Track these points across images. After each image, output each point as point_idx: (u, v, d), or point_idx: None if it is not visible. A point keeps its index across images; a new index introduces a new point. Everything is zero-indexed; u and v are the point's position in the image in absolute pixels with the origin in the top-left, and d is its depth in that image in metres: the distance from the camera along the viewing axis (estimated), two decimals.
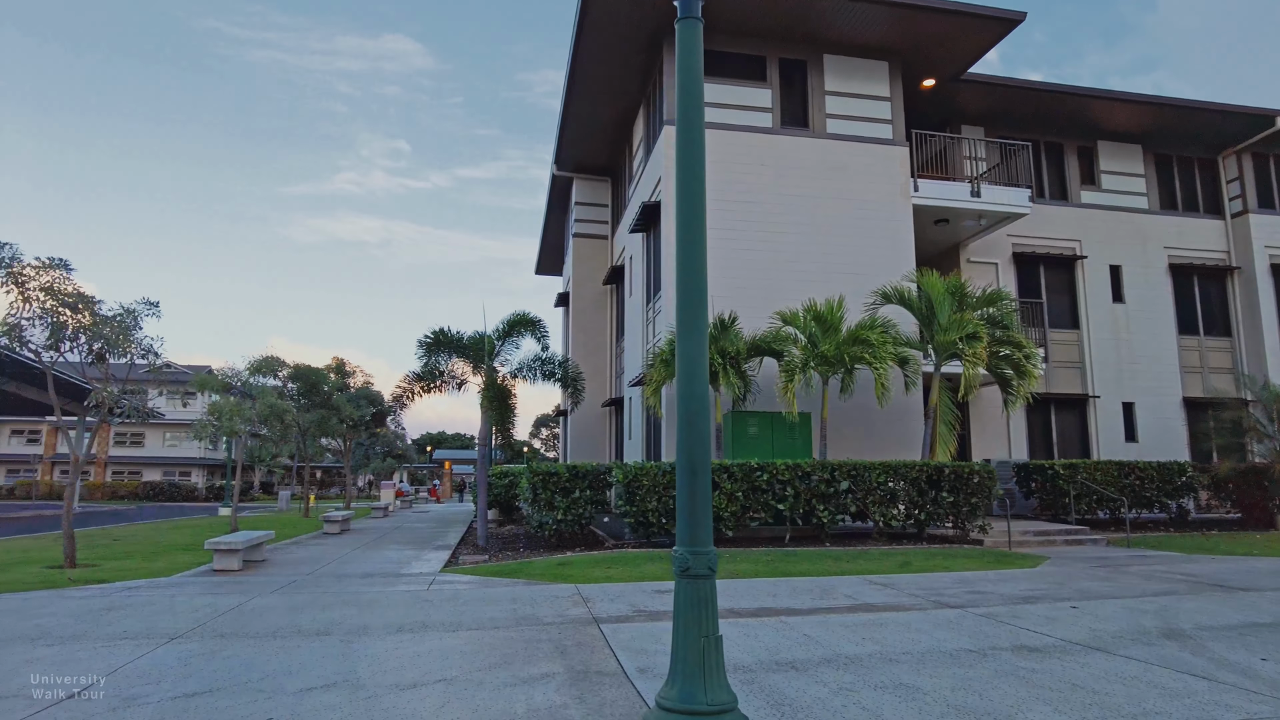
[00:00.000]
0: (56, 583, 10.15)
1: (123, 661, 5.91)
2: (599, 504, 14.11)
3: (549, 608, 8.22)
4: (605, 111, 20.92)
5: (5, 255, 11.06)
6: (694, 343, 4.05)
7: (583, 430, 23.55)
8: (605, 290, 24.16)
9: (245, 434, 18.45)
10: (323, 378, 24.68)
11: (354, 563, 12.72)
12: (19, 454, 58.05)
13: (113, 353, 11.55)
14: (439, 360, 15.40)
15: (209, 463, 57.75)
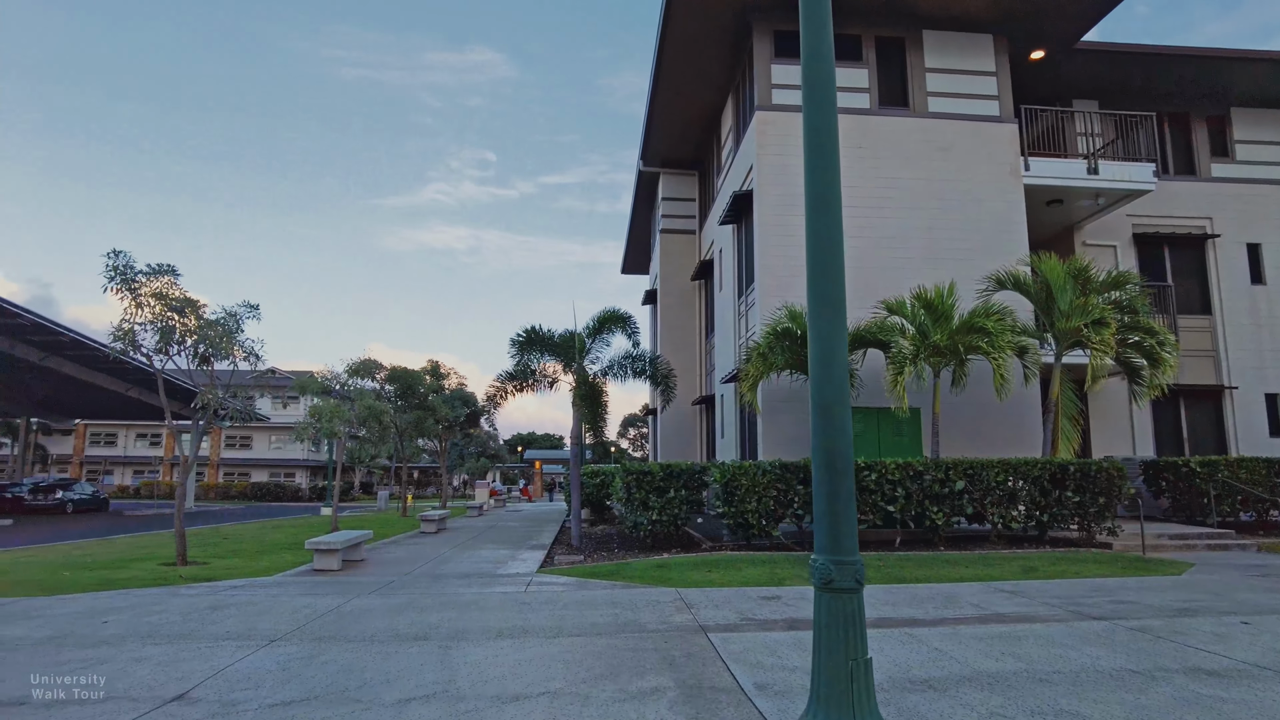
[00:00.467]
0: (169, 580, 10.37)
1: (224, 664, 5.79)
2: (694, 504, 13.64)
3: (651, 613, 7.80)
4: (692, 103, 20.43)
5: (120, 263, 11.41)
6: (829, 321, 3.53)
7: (673, 429, 23.12)
8: (693, 286, 23.67)
9: (345, 435, 18.80)
10: (418, 380, 25.05)
11: (451, 563, 12.64)
12: (143, 456, 61.81)
13: (216, 355, 11.78)
14: (531, 359, 15.24)
15: (312, 464, 60.10)
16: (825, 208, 3.64)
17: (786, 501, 12.37)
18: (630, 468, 13.51)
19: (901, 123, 16.61)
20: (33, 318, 25.49)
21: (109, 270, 11.30)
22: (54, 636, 6.76)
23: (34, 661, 5.90)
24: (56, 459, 60.08)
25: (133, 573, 11.04)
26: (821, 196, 3.64)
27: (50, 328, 26.42)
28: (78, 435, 61.54)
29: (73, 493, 35.68)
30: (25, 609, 8.17)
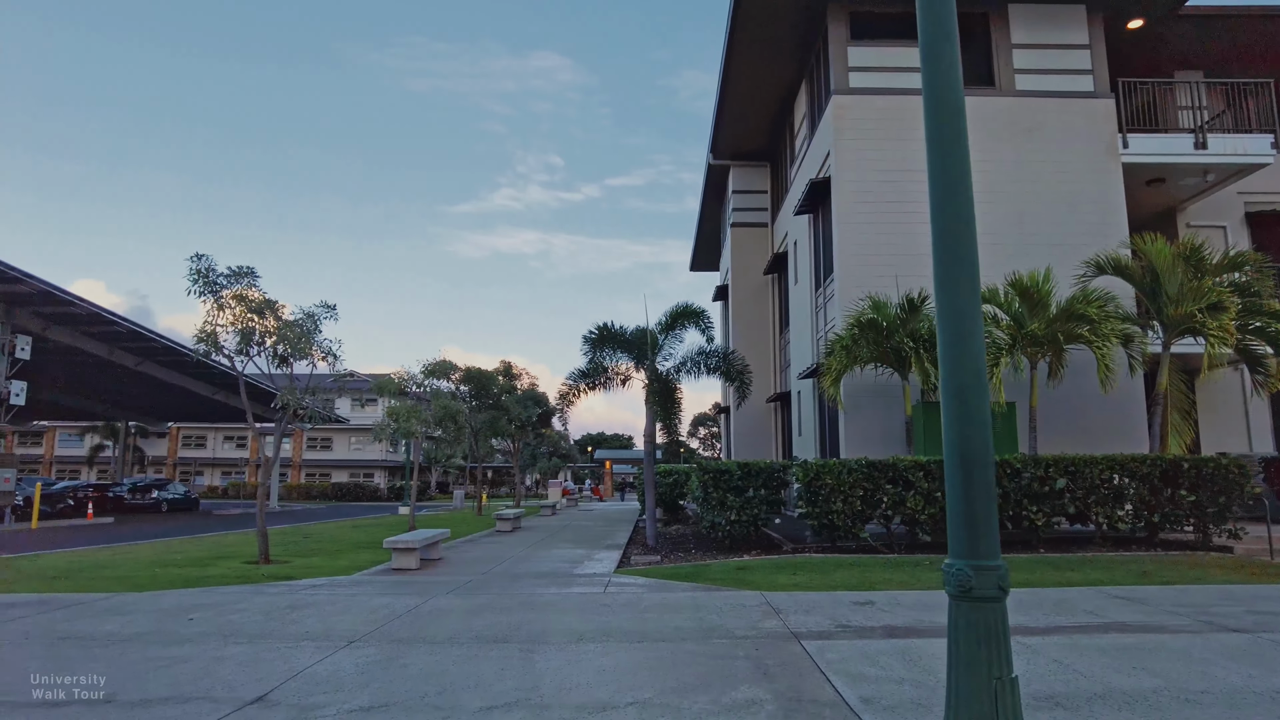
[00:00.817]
0: (251, 578, 10.47)
1: (303, 666, 5.66)
2: (774, 504, 13.17)
3: (737, 618, 7.41)
4: (763, 92, 19.91)
5: (202, 266, 11.63)
6: (963, 294, 3.09)
7: (746, 428, 22.61)
8: (766, 280, 23.10)
9: (421, 436, 18.95)
10: (492, 380, 25.19)
11: (527, 562, 12.48)
12: (231, 458, 64.39)
13: (295, 356, 11.90)
14: (603, 357, 15.01)
15: (390, 464, 61.53)
16: (951, 152, 3.20)
17: (874, 501, 11.79)
18: (707, 466, 13.13)
19: (986, 103, 15.75)
20: (129, 325, 26.64)
21: (192, 274, 11.52)
22: (141, 634, 6.78)
23: (124, 657, 5.89)
24: (152, 460, 63.07)
25: (217, 571, 11.21)
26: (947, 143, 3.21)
27: (144, 334, 27.58)
28: (171, 438, 64.48)
29: (166, 493, 37.27)
30: (117, 605, 8.29)
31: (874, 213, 14.94)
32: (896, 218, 14.75)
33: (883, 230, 14.83)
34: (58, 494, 29.15)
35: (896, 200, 14.93)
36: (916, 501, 11.67)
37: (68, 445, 64.25)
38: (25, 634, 6.82)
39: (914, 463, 11.76)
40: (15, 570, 11.51)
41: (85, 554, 14.05)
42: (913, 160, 15.26)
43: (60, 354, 30.08)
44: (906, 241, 14.67)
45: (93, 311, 24.78)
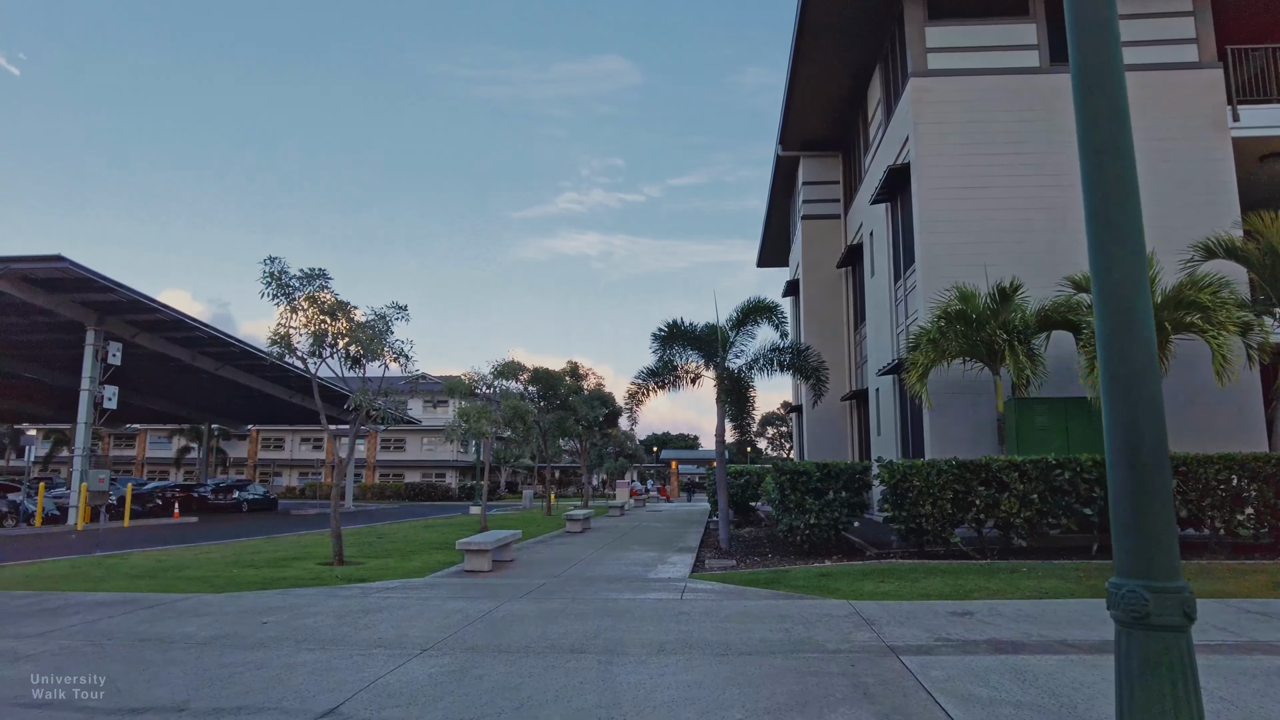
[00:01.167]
0: (325, 580, 10.45)
1: (376, 675, 5.44)
2: (856, 507, 12.59)
3: (827, 629, 6.94)
4: (834, 79, 19.25)
5: (275, 269, 11.70)
6: (1128, 268, 2.60)
7: (820, 427, 21.93)
8: (839, 274, 22.38)
9: (492, 436, 18.93)
10: (559, 380, 25.12)
11: (599, 565, 12.20)
12: (307, 459, 66.35)
13: (367, 356, 11.88)
14: (673, 354, 14.64)
15: (461, 464, 62.46)
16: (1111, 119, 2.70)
17: (965, 504, 11.12)
18: (784, 467, 12.64)
19: None
20: (209, 331, 27.52)
21: (265, 276, 11.60)
22: (217, 637, 6.71)
23: (200, 661, 5.79)
24: (234, 462, 65.47)
25: (293, 572, 11.25)
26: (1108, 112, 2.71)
27: (223, 339, 28.45)
28: (251, 440, 66.81)
29: (247, 493, 38.48)
30: (196, 606, 8.30)
31: (958, 198, 14.19)
32: (982, 203, 13.99)
33: (968, 216, 14.08)
34: (147, 494, 30.31)
35: (982, 185, 14.16)
36: (1011, 504, 10.95)
37: (157, 447, 67.21)
38: (109, 635, 6.83)
39: (1008, 463, 11.04)
40: (106, 569, 11.78)
41: (170, 553, 14.38)
42: (998, 142, 14.46)
43: (147, 360, 31.29)
44: (994, 227, 13.90)
45: (176, 318, 25.65)
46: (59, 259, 20.79)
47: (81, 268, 21.37)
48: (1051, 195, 14.21)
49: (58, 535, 20.39)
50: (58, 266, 21.06)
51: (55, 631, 6.99)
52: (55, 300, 23.26)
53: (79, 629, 7.11)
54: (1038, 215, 14.03)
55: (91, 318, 24.67)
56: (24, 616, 7.80)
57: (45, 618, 7.72)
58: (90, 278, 21.85)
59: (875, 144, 18.29)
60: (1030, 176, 14.17)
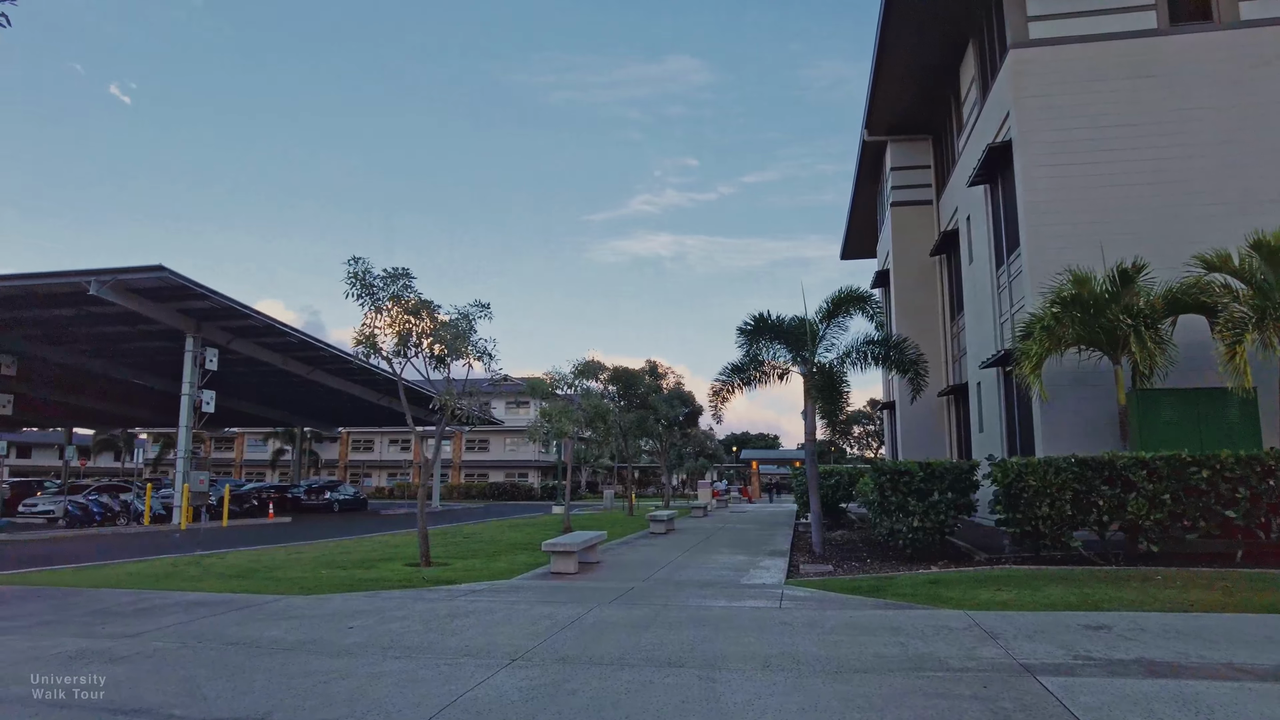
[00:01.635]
0: (412, 581, 10.30)
1: (464, 688, 5.11)
2: (962, 509, 11.77)
3: (947, 644, 6.29)
4: (923, 58, 18.28)
5: (359, 269, 11.67)
6: None
7: (915, 425, 20.91)
8: (932, 262, 21.29)
9: (573, 436, 18.73)
10: (639, 379, 24.78)
11: (688, 568, 11.73)
12: (396, 460, 68.13)
13: (452, 355, 11.73)
14: (759, 349, 14.03)
15: (542, 464, 63.02)
16: None
17: (1086, 505, 10.19)
18: (884, 466, 11.92)
19: (1201, 39, 13.54)
20: (299, 335, 28.30)
21: (349, 277, 11.57)
22: (303, 642, 6.54)
23: (285, 668, 5.60)
24: (325, 463, 67.73)
25: (380, 573, 11.18)
26: None
27: (312, 344, 29.23)
28: (342, 442, 69.00)
29: (338, 494, 39.56)
30: (284, 608, 8.22)
31: (1066, 175, 13.15)
32: (1095, 179, 12.93)
33: (1078, 194, 13.02)
34: (244, 495, 31.43)
35: (1093, 160, 13.09)
36: (1139, 505, 9.97)
37: (254, 450, 70.15)
38: (200, 637, 6.75)
39: (1135, 460, 10.06)
40: (204, 568, 11.99)
41: (264, 553, 14.62)
42: (1111, 112, 13.34)
43: (242, 365, 32.45)
44: (1108, 205, 12.82)
45: (267, 323, 26.43)
46: (159, 269, 21.62)
47: (179, 276, 22.17)
48: (1175, 167, 13.00)
49: (162, 534, 21.19)
50: (158, 276, 21.90)
51: (150, 632, 6.96)
52: (158, 309, 24.23)
53: (172, 630, 7.07)
54: (1159, 190, 12.86)
55: (190, 325, 25.63)
56: (122, 616, 7.85)
57: (141, 618, 7.74)
58: (187, 286, 22.65)
59: (970, 123, 17.24)
60: (1149, 148, 13.00)
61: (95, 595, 9.20)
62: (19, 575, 11.32)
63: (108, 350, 31.07)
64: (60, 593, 9.42)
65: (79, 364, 31.56)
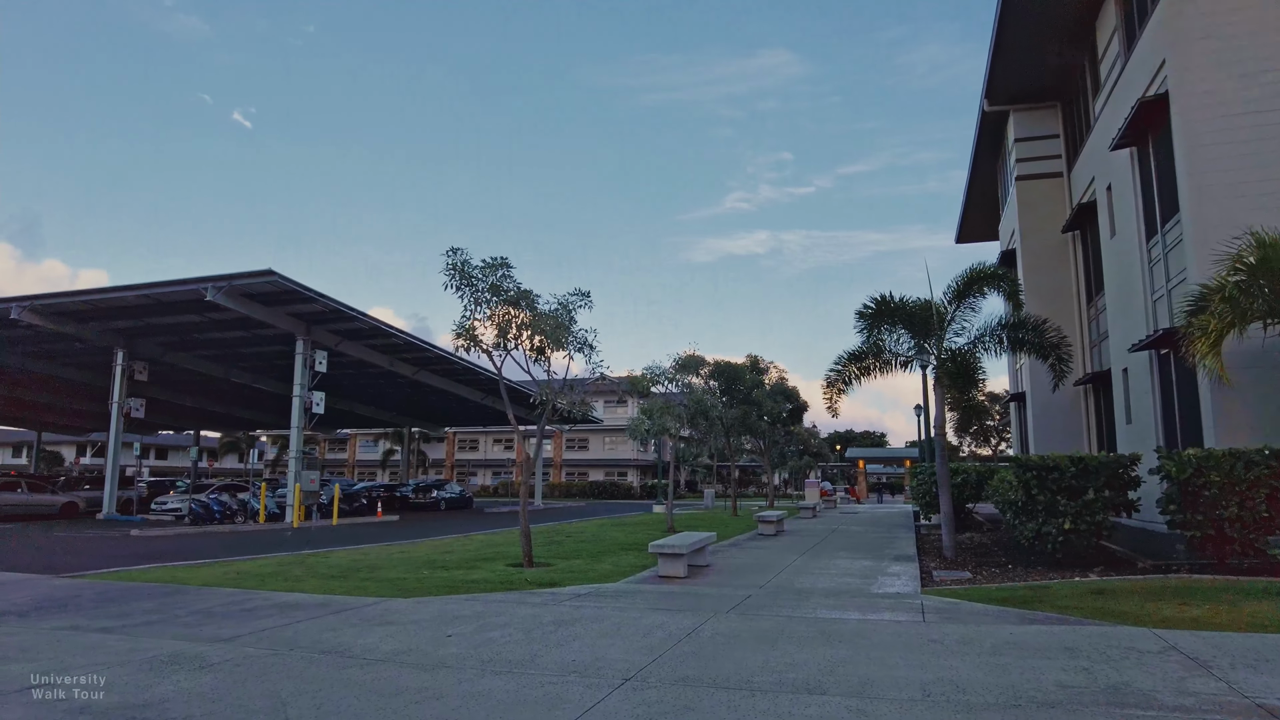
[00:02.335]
0: (514, 583, 9.78)
1: (571, 716, 4.41)
2: (1120, 508, 10.37)
3: (1144, 672, 5.19)
4: (1052, 13, 16.57)
5: (457, 260, 11.27)
6: None
7: (1048, 417, 19.12)
8: (1064, 240, 19.39)
9: (676, 433, 18.02)
10: (741, 374, 23.78)
11: (807, 574, 10.78)
12: (500, 458, 69.25)
13: (552, 345, 11.19)
14: (880, 335, 12.90)
15: (641, 463, 62.68)
16: None
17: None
18: (1028, 462, 10.65)
19: None
20: (404, 337, 28.70)
21: (448, 268, 11.19)
22: (398, 652, 6.02)
23: (375, 684, 5.07)
24: (432, 463, 69.48)
25: (482, 574, 10.72)
26: None
27: (418, 345, 29.61)
28: (448, 442, 70.65)
29: (444, 492, 40.15)
30: (382, 613, 7.80)
31: (1234, 126, 11.46)
32: (1272, 128, 11.22)
33: (1251, 146, 11.31)
34: (354, 494, 32.15)
35: (1269, 107, 11.35)
36: None
37: (366, 450, 72.73)
38: (292, 644, 6.34)
39: None
40: (307, 568, 11.87)
41: (368, 552, 14.51)
42: None
43: (352, 367, 33.30)
44: None
45: (374, 325, 26.86)
46: (269, 273, 22.16)
47: (289, 280, 22.69)
48: None
49: (274, 532, 21.69)
50: (268, 280, 22.47)
51: (244, 637, 6.62)
52: (269, 313, 24.95)
53: (266, 634, 6.70)
54: None
55: (300, 327, 26.31)
56: (221, 617, 7.59)
57: (238, 619, 7.45)
58: (296, 289, 23.17)
59: (1110, 82, 15.47)
60: None
61: (200, 595, 9.07)
62: (140, 571, 11.46)
63: (229, 355, 32.44)
64: (169, 590, 9.35)
65: (204, 369, 33.11)
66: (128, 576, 10.67)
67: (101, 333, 27.68)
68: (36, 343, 30.51)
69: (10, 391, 38.97)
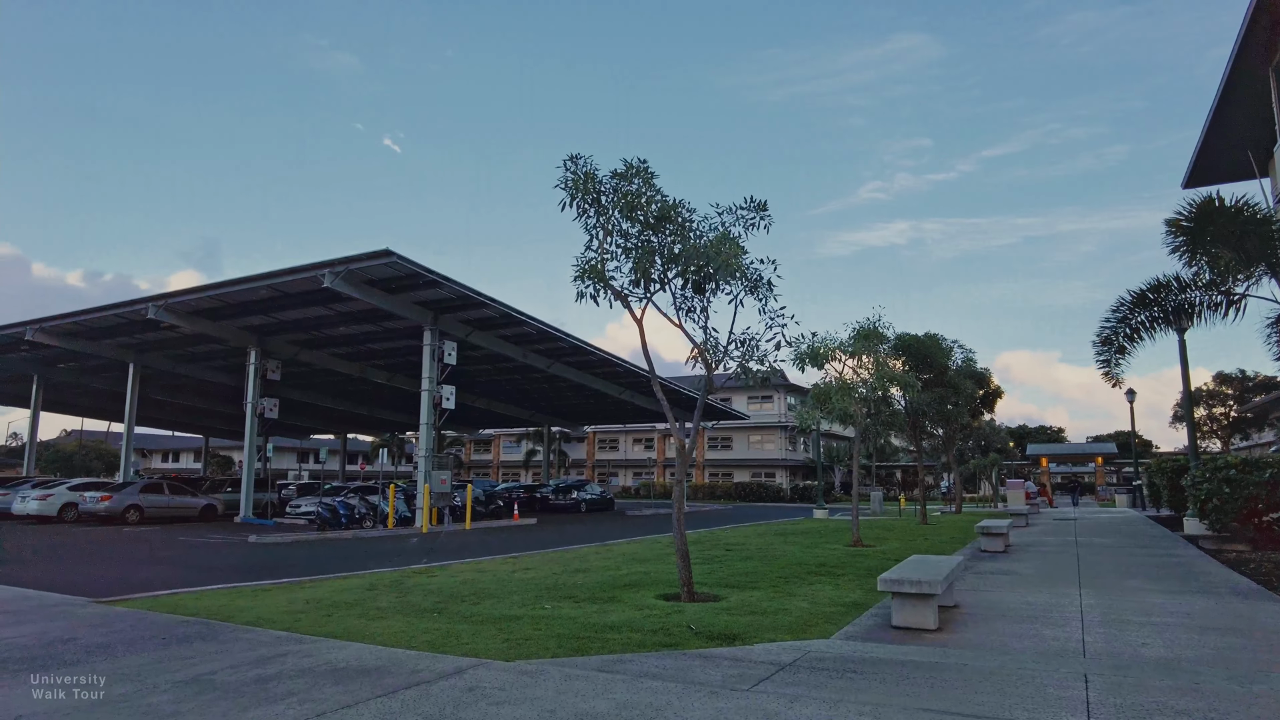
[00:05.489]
0: (672, 634, 6.45)
1: None
2: None
3: None
4: None
5: (579, 170, 8.11)
6: None
7: None
8: None
9: (861, 418, 14.26)
10: (933, 350, 19.44)
11: (1123, 624, 6.80)
12: (640, 458, 66.72)
13: (722, 274, 7.77)
14: (1200, 259, 8.65)
15: (791, 463, 58.26)
16: None
17: None
18: None
19: None
20: (537, 325, 26.24)
21: (566, 182, 8.05)
22: None
23: None
24: (573, 463, 67.90)
25: (624, 613, 7.46)
26: None
27: (551, 333, 27.11)
28: (588, 442, 68.89)
29: (585, 493, 37.73)
30: (459, 695, 4.68)
31: None
32: None
33: None
34: (492, 495, 30.16)
35: None
36: None
37: (509, 451, 72.21)
38: None
39: None
40: (401, 591, 9.11)
41: (485, 569, 11.66)
42: None
43: (484, 361, 31.37)
44: None
45: (503, 312, 24.53)
46: (387, 253, 20.15)
47: (408, 261, 20.63)
48: None
49: (398, 539, 19.57)
50: (387, 262, 20.48)
51: None
52: (392, 300, 23.10)
53: None
54: None
55: (427, 317, 24.40)
56: (229, 689, 4.74)
57: (251, 692, 4.57)
58: (417, 271, 21.09)
59: None
60: None
61: (230, 641, 6.33)
62: (194, 596, 9.09)
63: (361, 353, 31.32)
64: (198, 632, 6.70)
65: (339, 368, 32.22)
66: (171, 605, 8.19)
67: (235, 331, 26.93)
68: (180, 345, 30.53)
69: (174, 398, 40.08)
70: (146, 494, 25.85)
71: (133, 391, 30.27)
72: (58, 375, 34.76)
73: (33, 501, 24.73)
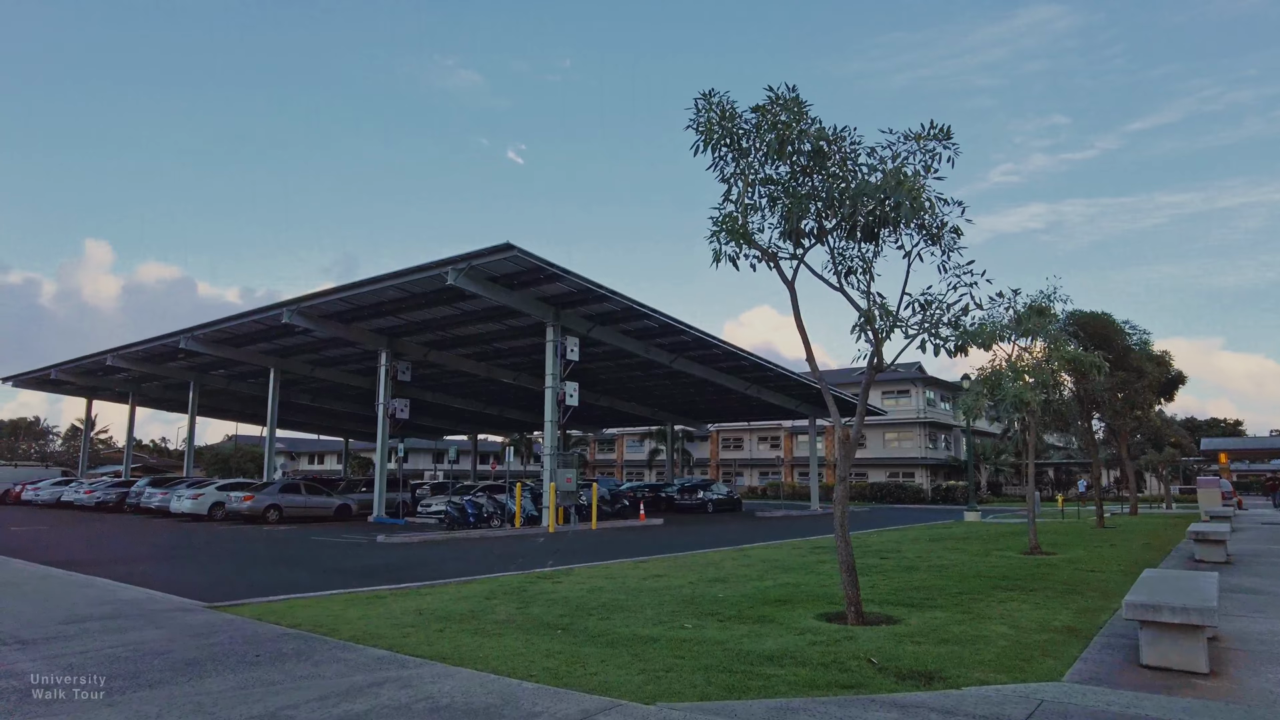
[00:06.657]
0: (850, 670, 5.09)
1: None
2: None
3: None
4: None
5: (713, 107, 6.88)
6: None
7: None
8: None
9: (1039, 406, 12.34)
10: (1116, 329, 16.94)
11: None
12: (765, 458, 64.73)
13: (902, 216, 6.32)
14: None
15: (931, 462, 54.76)
16: None
17: None
18: None
19: None
20: (659, 317, 25.21)
21: (698, 119, 6.82)
22: None
23: None
24: (697, 462, 66.62)
25: (782, 638, 6.16)
26: None
27: (674, 325, 26.02)
28: (712, 440, 67.51)
29: (711, 493, 36.44)
30: None
31: None
32: None
33: None
34: (618, 495, 29.43)
35: None
36: None
37: (632, 450, 71.81)
38: None
39: None
40: (521, 602, 8.18)
41: (615, 575, 10.62)
42: None
43: (606, 358, 30.67)
44: None
45: (626, 305, 23.64)
46: (508, 247, 19.63)
47: (530, 255, 20.08)
48: None
49: (524, 539, 18.95)
50: (509, 257, 19.98)
51: None
52: (513, 297, 22.66)
53: None
54: None
55: (549, 313, 23.86)
56: None
57: None
58: (539, 264, 20.52)
59: None
60: None
61: (332, 658, 5.52)
62: (306, 603, 8.48)
63: (488, 353, 31.32)
64: (295, 649, 5.94)
65: (466, 369, 32.42)
66: (280, 614, 7.56)
67: (366, 333, 27.39)
68: (316, 349, 31.54)
69: (314, 401, 41.80)
70: (285, 494, 26.63)
71: (274, 395, 31.47)
72: (211, 382, 36.81)
73: (186, 500, 26.02)
